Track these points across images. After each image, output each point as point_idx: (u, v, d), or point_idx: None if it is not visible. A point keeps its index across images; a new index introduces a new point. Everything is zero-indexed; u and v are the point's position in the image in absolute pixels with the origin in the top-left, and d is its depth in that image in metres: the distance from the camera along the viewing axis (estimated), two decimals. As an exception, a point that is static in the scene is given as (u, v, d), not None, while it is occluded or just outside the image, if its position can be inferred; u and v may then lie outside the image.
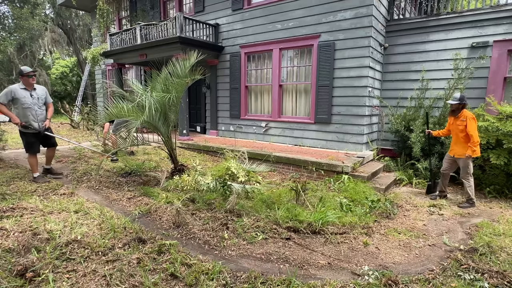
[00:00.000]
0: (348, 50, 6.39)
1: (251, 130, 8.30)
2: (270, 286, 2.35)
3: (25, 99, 4.36)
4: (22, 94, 4.36)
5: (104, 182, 4.98)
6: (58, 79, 22.44)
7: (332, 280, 2.47)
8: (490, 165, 5.04)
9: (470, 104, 5.81)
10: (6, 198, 3.91)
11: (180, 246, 2.94)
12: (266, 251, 2.93)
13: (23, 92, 4.38)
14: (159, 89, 4.98)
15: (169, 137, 5.21)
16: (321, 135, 6.97)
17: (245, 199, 4.25)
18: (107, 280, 2.32)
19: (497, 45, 5.71)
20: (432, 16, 6.34)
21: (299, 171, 5.66)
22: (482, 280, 2.49)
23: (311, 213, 3.65)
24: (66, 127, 13.11)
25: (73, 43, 20.59)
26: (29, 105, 4.40)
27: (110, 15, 11.13)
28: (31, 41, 17.34)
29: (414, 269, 2.75)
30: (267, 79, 7.91)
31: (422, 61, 6.48)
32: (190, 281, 2.35)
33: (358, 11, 6.15)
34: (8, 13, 16.30)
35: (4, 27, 16.12)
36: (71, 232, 3.05)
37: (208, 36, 8.56)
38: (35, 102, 4.46)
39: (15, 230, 3.01)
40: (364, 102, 6.30)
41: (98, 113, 5.17)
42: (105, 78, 13.28)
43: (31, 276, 2.30)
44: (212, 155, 7.22)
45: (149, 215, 3.73)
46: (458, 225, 3.85)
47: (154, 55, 8.40)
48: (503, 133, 4.74)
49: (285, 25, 7.24)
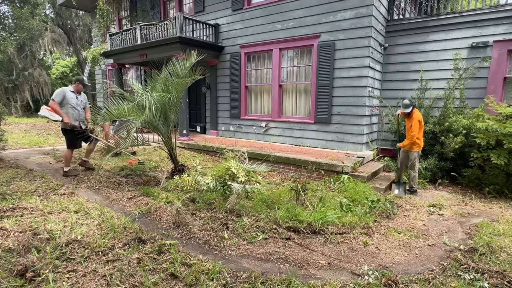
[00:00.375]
0: (348, 50, 6.39)
1: (251, 130, 8.30)
2: (270, 286, 2.36)
3: (73, 100, 5.12)
4: (70, 95, 5.10)
5: (104, 182, 4.98)
6: (58, 79, 22.46)
7: (332, 280, 2.47)
8: (490, 165, 5.04)
9: (470, 104, 5.83)
10: (6, 198, 3.91)
11: (180, 246, 2.94)
12: (266, 251, 2.93)
13: (71, 94, 5.13)
14: (159, 89, 4.98)
15: (169, 137, 5.21)
16: (321, 135, 6.98)
17: (245, 199, 4.25)
18: (107, 280, 2.32)
19: (497, 45, 5.71)
20: (432, 16, 6.34)
21: (299, 171, 5.66)
22: (482, 280, 2.49)
23: (311, 213, 3.66)
24: (66, 127, 13.10)
25: (73, 43, 20.59)
26: (74, 106, 5.13)
27: (110, 15, 11.14)
28: (31, 41, 17.32)
29: (414, 269, 2.75)
30: (267, 79, 7.91)
31: (422, 61, 6.48)
32: (190, 281, 2.35)
33: (358, 11, 6.15)
34: (8, 13, 16.30)
35: (4, 27, 16.11)
36: (71, 232, 3.05)
37: (208, 36, 8.57)
38: (79, 103, 5.21)
39: (15, 230, 3.01)
40: (364, 102, 6.30)
41: (98, 113, 5.19)
42: (105, 78, 13.28)
43: (31, 276, 2.30)
44: (212, 155, 7.23)
45: (149, 215, 3.74)
46: (458, 225, 3.85)
47: (154, 55, 8.40)
48: (502, 133, 4.74)
49: (285, 25, 7.24)
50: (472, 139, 5.14)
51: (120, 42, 9.43)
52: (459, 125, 5.34)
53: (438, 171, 5.66)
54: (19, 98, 18.66)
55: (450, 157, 5.51)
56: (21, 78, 18.20)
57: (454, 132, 5.42)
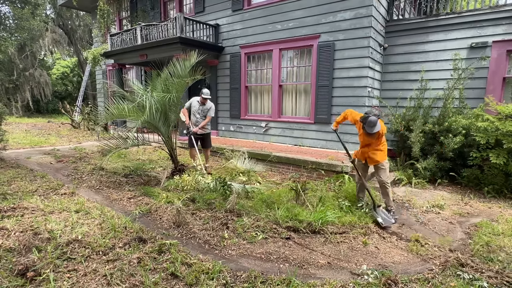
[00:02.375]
0: (347, 51, 6.40)
1: (251, 130, 8.31)
2: (270, 285, 2.37)
3: (194, 108, 5.71)
4: (194, 104, 5.72)
5: (105, 182, 5.00)
6: (59, 79, 22.45)
7: (331, 280, 2.48)
8: (489, 165, 5.05)
9: (469, 105, 5.83)
10: (7, 198, 3.93)
11: (180, 245, 2.96)
12: (266, 251, 2.94)
13: (196, 104, 5.72)
14: (159, 89, 5.00)
15: (170, 137, 5.22)
16: (321, 135, 6.99)
17: (245, 199, 4.26)
18: (107, 279, 2.34)
19: (496, 45, 5.72)
20: (431, 17, 6.35)
21: (299, 171, 5.67)
22: (481, 279, 2.50)
23: (311, 213, 3.66)
24: (67, 127, 13.14)
25: (73, 43, 20.61)
26: (194, 112, 5.72)
27: (110, 16, 11.15)
28: (32, 41, 17.34)
29: (413, 269, 2.76)
30: (267, 79, 7.92)
31: (421, 62, 6.49)
32: (191, 281, 2.36)
33: (357, 11, 6.16)
34: (9, 13, 16.32)
35: (5, 28, 16.12)
36: (72, 231, 3.06)
37: (208, 36, 8.58)
38: (199, 112, 5.72)
39: (16, 229, 3.02)
40: (364, 102, 6.31)
41: (98, 113, 5.20)
42: (106, 78, 13.30)
43: (32, 276, 2.32)
44: (212, 155, 7.23)
45: (150, 214, 3.75)
46: (457, 224, 3.86)
47: (154, 56, 8.42)
48: (502, 133, 4.75)
49: (285, 26, 7.25)
50: (472, 138, 5.15)
51: (121, 42, 9.45)
52: (459, 125, 5.35)
53: (437, 171, 5.66)
54: (19, 98, 18.68)
55: (450, 157, 5.51)
56: (21, 79, 18.23)
57: (453, 132, 5.42)
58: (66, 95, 22.59)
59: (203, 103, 5.68)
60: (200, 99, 5.66)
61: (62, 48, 20.92)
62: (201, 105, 5.70)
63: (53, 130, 11.98)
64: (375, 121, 3.58)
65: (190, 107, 5.74)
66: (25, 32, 15.90)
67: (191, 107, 5.73)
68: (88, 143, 8.70)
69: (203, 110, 5.73)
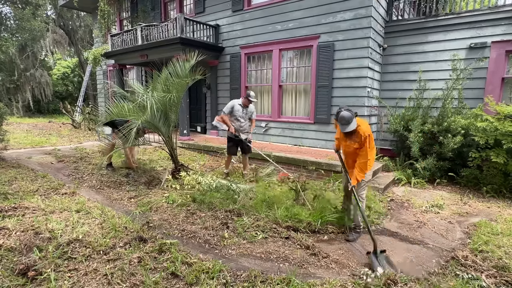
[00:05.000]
0: (347, 51, 6.42)
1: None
2: (270, 285, 2.38)
3: (239, 112, 5.31)
4: (237, 108, 5.30)
5: (106, 181, 5.02)
6: (60, 80, 22.47)
7: (331, 279, 2.50)
8: (488, 165, 5.06)
9: (468, 105, 5.84)
10: (8, 198, 3.95)
11: (180, 245, 2.97)
12: (266, 250, 2.96)
13: (239, 107, 5.31)
14: (160, 89, 5.01)
15: (170, 137, 5.24)
16: (320, 135, 7.00)
17: (245, 198, 4.27)
18: (108, 279, 2.35)
19: (495, 46, 5.73)
20: (430, 17, 6.36)
21: (298, 171, 5.69)
22: (480, 279, 2.52)
23: (310, 213, 3.68)
24: (68, 127, 13.16)
25: (74, 44, 20.64)
26: (239, 117, 5.33)
27: (111, 16, 11.17)
28: (33, 42, 17.35)
29: (413, 269, 2.77)
30: (267, 80, 7.94)
31: (420, 62, 6.50)
32: (191, 280, 2.38)
33: (357, 12, 6.18)
34: (10, 14, 16.35)
35: (6, 28, 16.15)
36: (73, 231, 3.08)
37: (209, 37, 8.60)
38: (243, 116, 5.38)
39: (17, 229, 3.04)
40: (363, 102, 6.33)
41: (99, 113, 5.22)
42: (106, 79, 13.32)
43: (33, 275, 2.33)
44: (212, 155, 7.26)
45: (150, 214, 3.76)
46: (456, 224, 3.87)
47: (155, 56, 8.44)
48: (501, 133, 4.76)
49: (285, 26, 7.27)
50: (471, 138, 5.16)
51: (121, 42, 9.47)
52: (458, 125, 5.36)
53: (436, 171, 5.67)
54: (20, 99, 18.71)
55: (449, 157, 5.53)
56: (22, 79, 18.26)
57: (452, 132, 5.43)
58: (67, 96, 22.61)
59: (246, 105, 5.32)
60: (243, 102, 5.29)
61: (63, 49, 20.95)
62: (244, 107, 5.33)
63: (54, 130, 12.00)
64: (349, 117, 2.86)
65: (232, 112, 5.28)
66: (26, 32, 15.93)
67: (234, 112, 5.27)
68: (88, 143, 8.72)
69: (247, 113, 5.41)
